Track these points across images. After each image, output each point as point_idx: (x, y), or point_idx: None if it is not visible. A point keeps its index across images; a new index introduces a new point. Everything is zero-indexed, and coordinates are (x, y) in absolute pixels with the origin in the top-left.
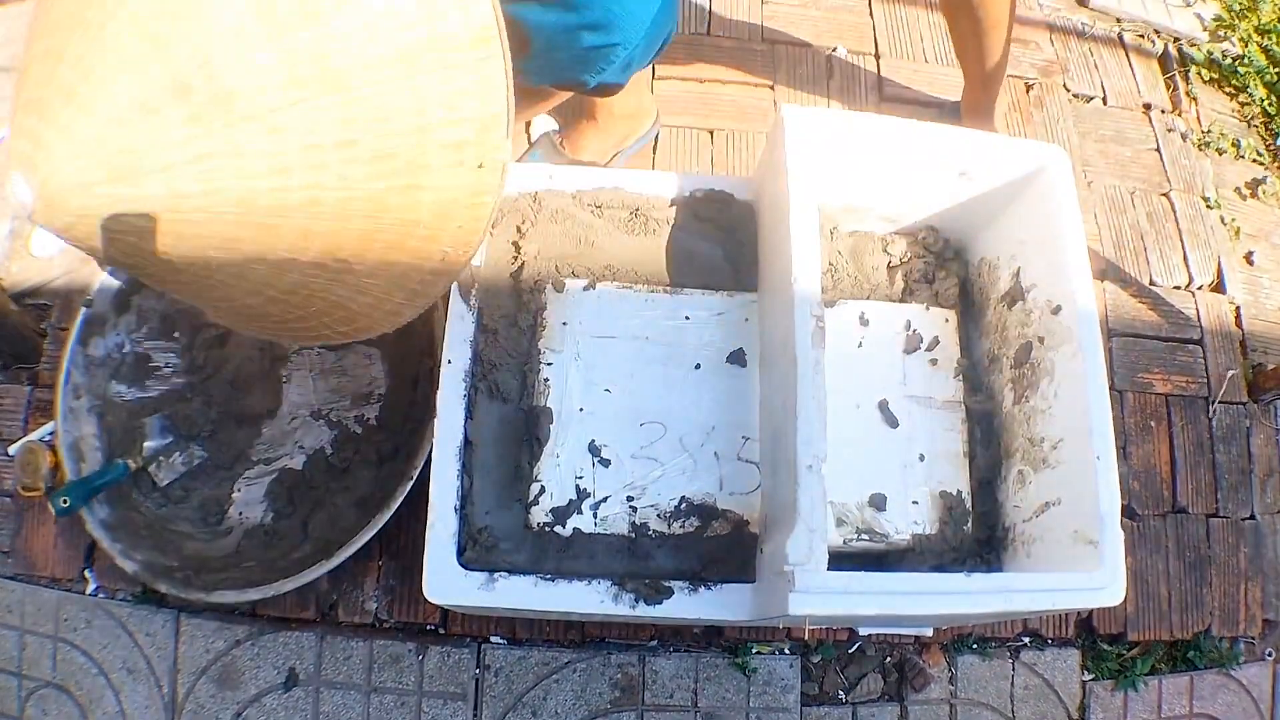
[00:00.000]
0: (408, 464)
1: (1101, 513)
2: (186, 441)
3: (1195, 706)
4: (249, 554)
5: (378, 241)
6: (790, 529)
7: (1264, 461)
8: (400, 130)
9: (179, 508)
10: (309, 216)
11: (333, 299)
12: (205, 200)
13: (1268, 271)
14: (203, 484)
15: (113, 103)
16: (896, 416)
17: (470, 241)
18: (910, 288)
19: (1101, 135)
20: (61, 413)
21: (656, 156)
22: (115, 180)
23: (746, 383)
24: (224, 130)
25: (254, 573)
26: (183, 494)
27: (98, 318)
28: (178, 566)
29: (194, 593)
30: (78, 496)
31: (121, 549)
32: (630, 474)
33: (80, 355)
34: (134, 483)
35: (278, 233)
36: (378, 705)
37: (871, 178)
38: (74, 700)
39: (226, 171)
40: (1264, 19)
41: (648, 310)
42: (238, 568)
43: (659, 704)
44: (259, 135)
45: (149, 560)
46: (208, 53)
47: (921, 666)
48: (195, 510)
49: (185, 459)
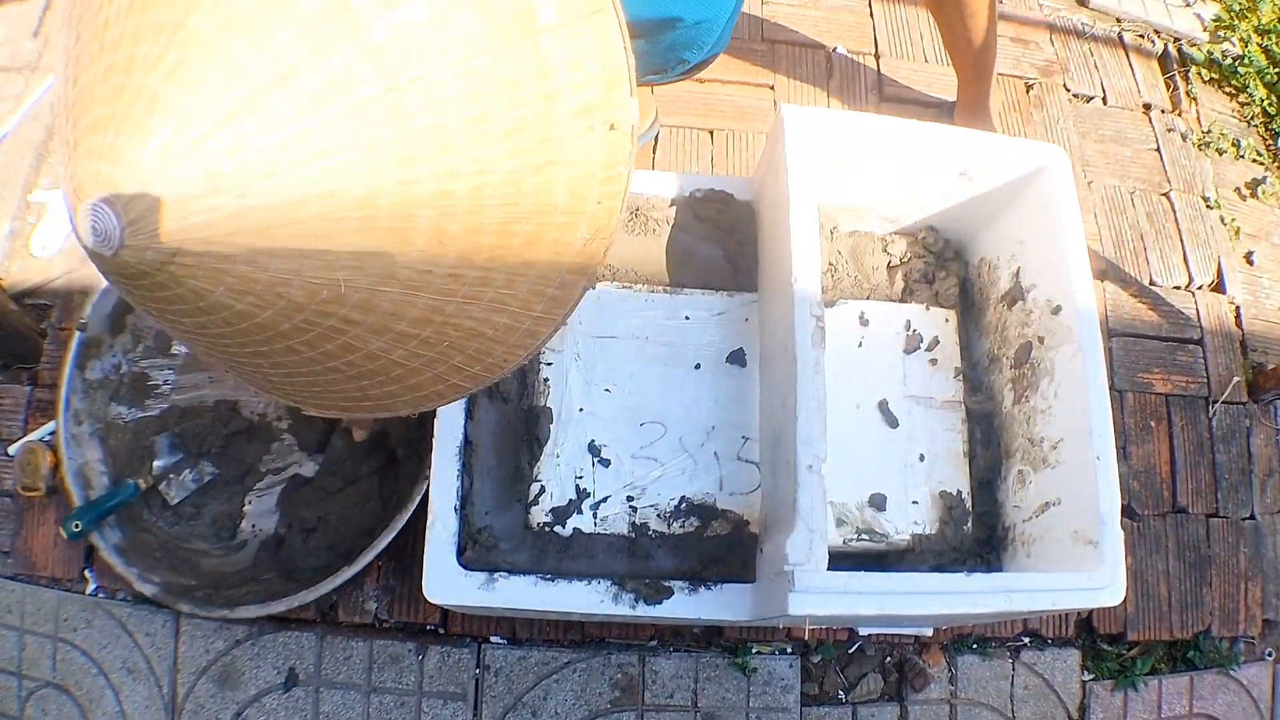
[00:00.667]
0: (420, 465)
1: (1101, 513)
2: (196, 458)
3: (1195, 706)
4: (265, 565)
5: (516, 235)
6: (790, 529)
7: (1264, 461)
8: (528, 98)
9: (191, 525)
10: (441, 212)
11: (467, 325)
12: (325, 205)
13: (1268, 271)
14: (214, 499)
15: (207, 101)
16: (896, 416)
17: (608, 223)
18: (910, 288)
19: (1101, 135)
20: (65, 440)
21: (656, 156)
22: (218, 190)
23: (746, 383)
24: (338, 119)
25: (273, 584)
26: (194, 511)
27: (93, 340)
28: (196, 585)
29: (218, 610)
30: (89, 520)
31: (138, 572)
32: (630, 474)
33: (78, 380)
34: (144, 503)
35: (408, 238)
36: (378, 705)
37: (871, 178)
38: (74, 700)
39: (345, 167)
40: (1264, 19)
41: (648, 310)
42: (256, 580)
43: (659, 704)
44: (378, 121)
45: (167, 581)
46: (311, 33)
47: (921, 666)
48: (208, 526)
49: (195, 476)
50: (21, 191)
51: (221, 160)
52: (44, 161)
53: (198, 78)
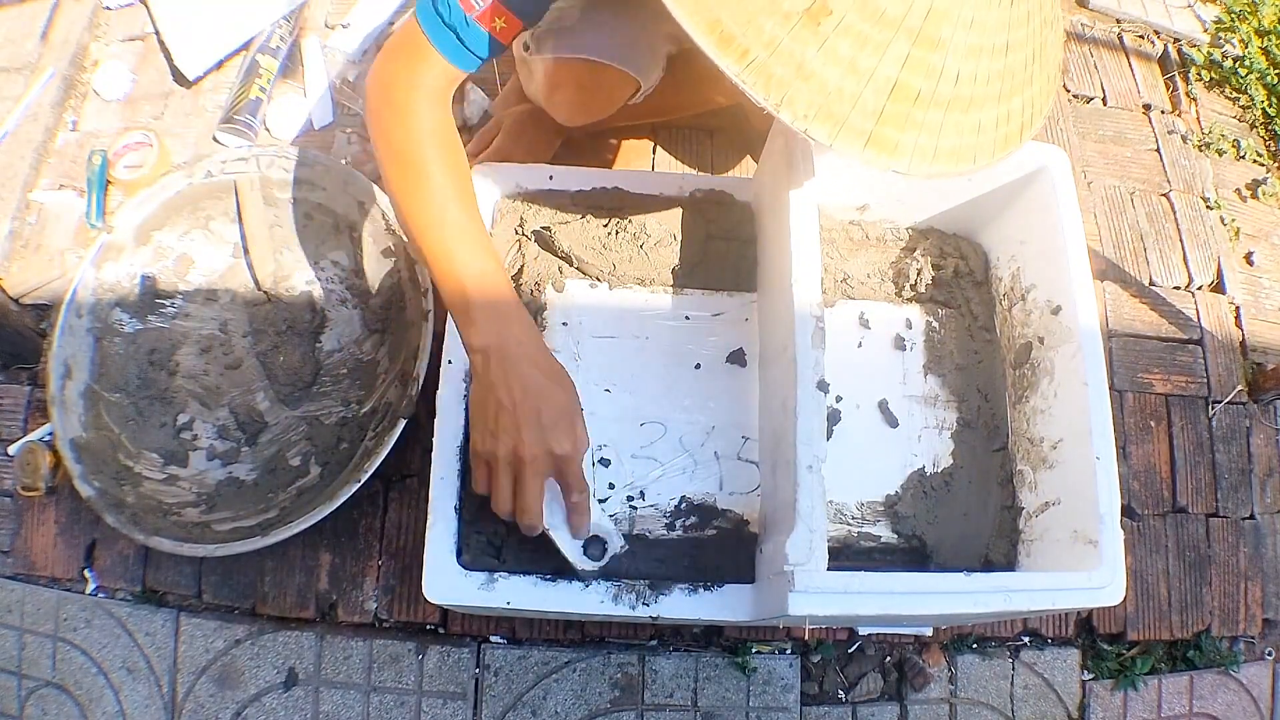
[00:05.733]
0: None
1: (1101, 513)
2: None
3: (1195, 706)
4: (221, 507)
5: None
6: (790, 529)
7: (1264, 461)
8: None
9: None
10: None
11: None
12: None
13: (1268, 272)
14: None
15: None
16: (896, 416)
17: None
18: (910, 288)
19: (1101, 136)
20: (60, 328)
21: (656, 156)
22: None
23: (746, 383)
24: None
25: (211, 530)
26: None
27: (115, 245)
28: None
29: (137, 532)
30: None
31: (82, 471)
32: (630, 474)
33: (91, 275)
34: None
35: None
36: (377, 705)
37: (871, 178)
38: (74, 700)
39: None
40: (1264, 21)
41: (648, 310)
42: (203, 526)
43: (659, 703)
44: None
45: (105, 489)
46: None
47: (921, 666)
48: (160, 452)
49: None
50: (21, 191)
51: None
52: (44, 161)
53: None
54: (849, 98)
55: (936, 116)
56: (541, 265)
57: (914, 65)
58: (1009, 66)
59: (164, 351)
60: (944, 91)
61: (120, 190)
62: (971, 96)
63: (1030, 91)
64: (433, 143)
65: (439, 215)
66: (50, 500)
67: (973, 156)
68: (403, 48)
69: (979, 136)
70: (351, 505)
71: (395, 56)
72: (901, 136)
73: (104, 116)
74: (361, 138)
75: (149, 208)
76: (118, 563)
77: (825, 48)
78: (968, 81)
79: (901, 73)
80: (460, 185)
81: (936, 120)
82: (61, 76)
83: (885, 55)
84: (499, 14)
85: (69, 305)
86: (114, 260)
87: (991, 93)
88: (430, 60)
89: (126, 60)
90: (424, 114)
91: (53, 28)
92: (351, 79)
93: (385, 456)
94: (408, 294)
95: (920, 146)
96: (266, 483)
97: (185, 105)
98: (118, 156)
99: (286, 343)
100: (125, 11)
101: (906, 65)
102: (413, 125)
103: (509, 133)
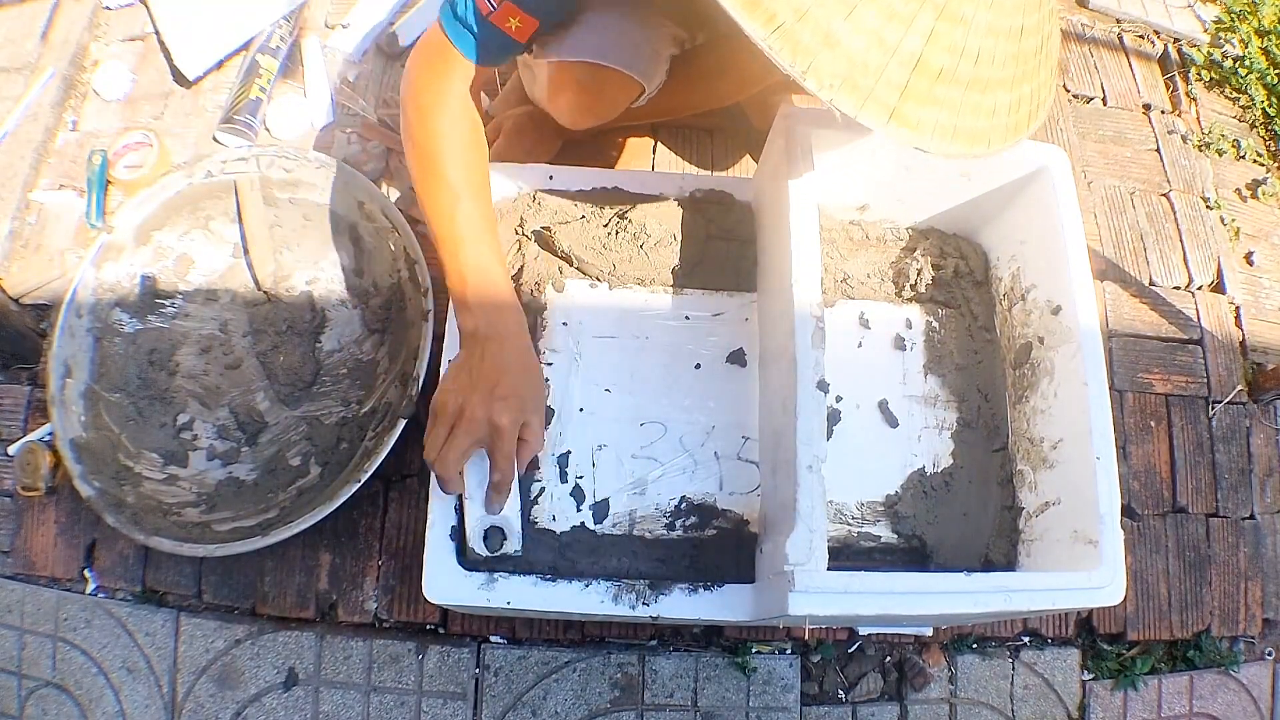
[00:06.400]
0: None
1: (1101, 513)
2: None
3: (1195, 706)
4: (221, 507)
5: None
6: (790, 529)
7: (1264, 461)
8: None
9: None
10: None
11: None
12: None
13: (1268, 272)
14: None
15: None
16: (896, 416)
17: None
18: (910, 288)
19: (1101, 136)
20: (60, 328)
21: (656, 156)
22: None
23: (746, 383)
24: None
25: (211, 530)
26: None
27: (115, 245)
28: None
29: (137, 532)
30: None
31: (82, 471)
32: (630, 474)
33: (91, 275)
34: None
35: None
36: (377, 705)
37: (871, 178)
38: (74, 700)
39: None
40: (1264, 21)
41: (648, 310)
42: (203, 526)
43: (659, 703)
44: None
45: (105, 489)
46: None
47: (921, 666)
48: (160, 451)
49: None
50: (21, 191)
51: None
52: (44, 161)
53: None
54: (874, 70)
55: (957, 95)
56: (542, 265)
57: (937, 40)
58: (1022, 51)
59: (164, 351)
60: (964, 70)
61: (120, 190)
62: (989, 78)
63: (1037, 80)
64: (451, 138)
65: (450, 208)
66: (50, 500)
67: (987, 139)
68: (427, 47)
69: (993, 119)
70: (351, 505)
71: (420, 56)
72: (923, 113)
73: (104, 116)
74: (361, 138)
75: (149, 208)
76: (118, 563)
77: (853, 16)
78: (986, 62)
79: (925, 47)
80: (474, 180)
81: (957, 99)
82: (61, 76)
83: (911, 28)
84: (513, 14)
85: (69, 305)
86: (114, 260)
87: (1006, 76)
88: (450, 59)
89: (126, 60)
90: (444, 111)
91: (53, 28)
92: (351, 79)
93: (385, 456)
94: (408, 294)
95: (941, 124)
96: (266, 483)
97: (185, 105)
98: (118, 156)
99: (286, 343)
100: (125, 11)
101: (931, 39)
102: (432, 122)
103: (509, 134)
